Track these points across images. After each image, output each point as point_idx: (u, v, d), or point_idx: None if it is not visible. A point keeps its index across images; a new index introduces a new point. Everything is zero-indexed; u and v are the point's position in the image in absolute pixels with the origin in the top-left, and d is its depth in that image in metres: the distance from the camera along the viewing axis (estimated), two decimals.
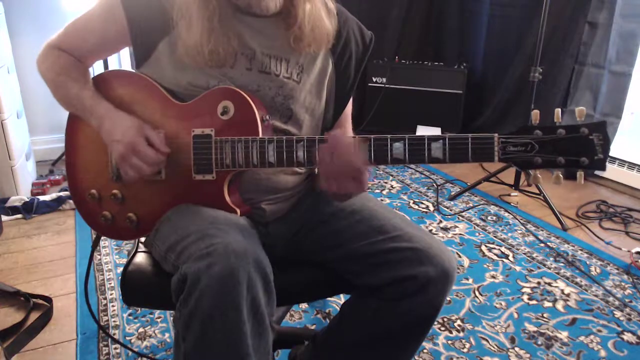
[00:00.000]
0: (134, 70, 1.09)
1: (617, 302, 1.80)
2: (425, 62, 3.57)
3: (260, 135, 0.99)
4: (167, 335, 1.58)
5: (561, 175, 0.85)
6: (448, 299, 1.77)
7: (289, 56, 1.08)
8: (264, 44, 1.06)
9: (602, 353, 1.55)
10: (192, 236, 0.90)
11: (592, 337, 1.62)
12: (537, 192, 2.61)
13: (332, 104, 1.16)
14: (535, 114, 0.84)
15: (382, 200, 2.64)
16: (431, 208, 2.57)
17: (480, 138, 0.86)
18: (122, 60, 3.08)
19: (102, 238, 2.13)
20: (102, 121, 1.04)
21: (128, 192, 1.08)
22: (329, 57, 1.12)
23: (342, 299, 1.73)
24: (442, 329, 1.65)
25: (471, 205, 2.61)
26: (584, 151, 0.78)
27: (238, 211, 1.02)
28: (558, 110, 0.82)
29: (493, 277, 1.95)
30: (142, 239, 1.18)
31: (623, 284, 1.92)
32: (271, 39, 1.06)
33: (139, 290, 1.08)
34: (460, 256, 2.10)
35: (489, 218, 2.47)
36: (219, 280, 0.81)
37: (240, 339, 0.84)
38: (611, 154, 2.82)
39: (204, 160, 1.01)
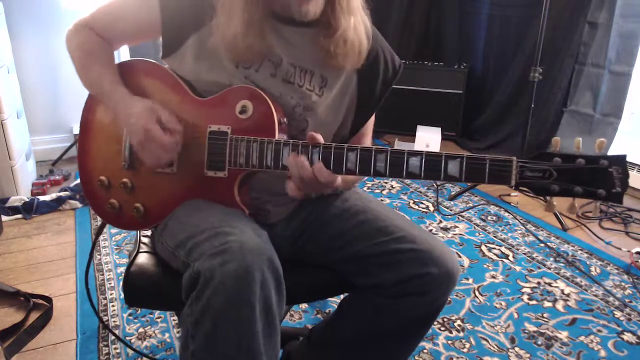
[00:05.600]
0: (155, 62, 1.09)
1: (617, 302, 1.80)
2: (425, 62, 3.57)
3: (276, 137, 0.98)
4: (167, 335, 1.58)
5: (555, 203, 0.85)
6: (448, 298, 1.77)
7: (314, 69, 1.06)
8: (292, 53, 1.05)
9: (602, 353, 1.55)
10: (205, 233, 0.90)
11: (592, 337, 1.63)
12: None
13: (350, 120, 1.15)
14: (555, 141, 0.83)
15: (382, 200, 2.64)
16: (431, 208, 2.57)
17: (498, 160, 0.84)
18: (121, 57, 3.08)
19: (102, 238, 2.14)
20: (117, 107, 1.04)
21: (138, 182, 1.08)
22: (353, 74, 1.10)
23: (342, 298, 1.73)
24: (442, 329, 1.65)
25: (471, 205, 2.61)
26: (602, 183, 0.77)
27: (246, 211, 1.02)
28: (579, 140, 0.81)
29: (493, 277, 1.95)
30: (144, 239, 1.18)
31: (623, 284, 1.92)
32: (299, 50, 1.05)
33: (141, 291, 1.08)
34: (460, 256, 2.10)
35: (489, 218, 2.47)
36: (233, 277, 0.81)
37: (252, 337, 0.83)
38: (611, 154, 2.82)
39: (217, 157, 1.01)
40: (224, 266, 0.81)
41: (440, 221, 2.43)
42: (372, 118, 1.19)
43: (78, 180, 2.54)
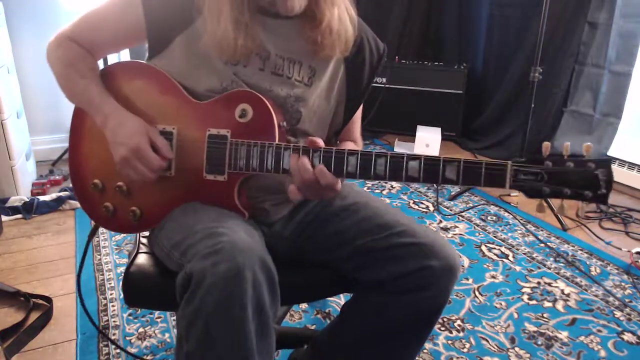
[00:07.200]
0: (148, 63, 1.08)
1: (617, 302, 1.80)
2: (425, 62, 3.57)
3: (277, 141, 0.99)
4: (167, 335, 1.58)
5: (545, 204, 0.90)
6: (450, 293, 1.77)
7: (302, 59, 1.08)
8: (279, 45, 1.06)
9: (602, 353, 1.55)
10: (198, 234, 0.90)
11: (592, 337, 1.63)
12: None
13: (342, 108, 1.16)
14: (545, 146, 0.88)
15: (381, 200, 2.65)
16: (431, 208, 2.57)
17: (493, 164, 0.88)
18: (121, 58, 3.08)
19: (102, 238, 2.14)
20: (107, 119, 1.02)
21: (134, 185, 1.07)
22: (341, 63, 1.12)
23: (342, 299, 1.73)
24: (442, 329, 1.65)
25: (471, 205, 2.61)
26: (588, 185, 0.82)
27: (246, 214, 1.02)
28: (567, 145, 0.86)
29: (493, 277, 1.95)
30: (144, 240, 1.18)
31: (623, 284, 1.92)
32: (287, 41, 1.06)
33: (141, 291, 1.08)
34: (460, 256, 2.10)
35: (489, 218, 2.47)
36: (224, 278, 0.81)
37: (244, 338, 0.83)
38: (611, 154, 2.83)
39: (216, 161, 1.01)
40: (216, 267, 0.81)
41: (441, 221, 2.43)
42: (359, 110, 1.22)
43: None
